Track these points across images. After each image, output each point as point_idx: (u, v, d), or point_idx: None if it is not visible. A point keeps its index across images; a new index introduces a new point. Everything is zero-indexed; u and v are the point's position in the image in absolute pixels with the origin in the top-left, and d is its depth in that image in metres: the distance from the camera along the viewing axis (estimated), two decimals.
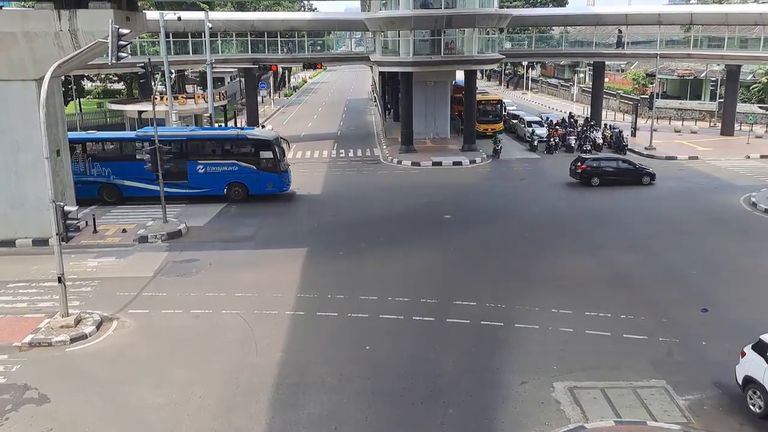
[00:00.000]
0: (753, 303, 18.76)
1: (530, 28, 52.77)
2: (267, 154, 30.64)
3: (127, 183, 30.46)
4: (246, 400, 14.08)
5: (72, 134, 29.99)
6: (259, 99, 59.89)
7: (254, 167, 30.65)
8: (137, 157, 28.63)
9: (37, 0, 22.97)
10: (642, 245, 24.00)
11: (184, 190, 30.54)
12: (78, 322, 17.53)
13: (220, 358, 15.95)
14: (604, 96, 56.29)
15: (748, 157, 40.13)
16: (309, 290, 20.08)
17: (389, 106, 60.91)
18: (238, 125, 51.20)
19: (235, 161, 30.68)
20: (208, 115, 39.39)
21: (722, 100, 51.46)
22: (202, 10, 45.95)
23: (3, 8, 24.53)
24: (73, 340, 16.86)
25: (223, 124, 47.27)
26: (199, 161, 30.49)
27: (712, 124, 53.49)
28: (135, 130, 39.87)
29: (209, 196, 30.52)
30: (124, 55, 18.01)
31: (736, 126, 48.48)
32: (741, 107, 50.54)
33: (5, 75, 23.16)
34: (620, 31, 50.45)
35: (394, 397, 14.13)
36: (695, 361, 15.57)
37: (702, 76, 58.70)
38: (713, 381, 14.52)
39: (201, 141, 31.53)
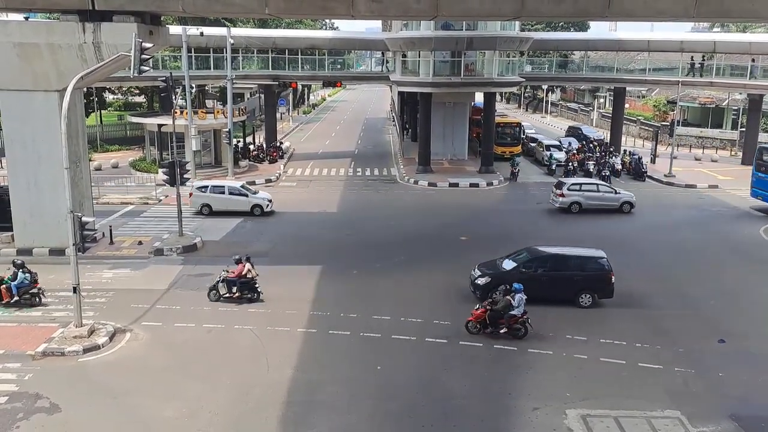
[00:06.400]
0: None
1: (551, 51, 52.80)
2: None
3: None
4: (256, 416, 13.99)
5: None
6: (278, 116, 60.33)
7: None
8: None
9: (62, 12, 23.33)
10: (659, 273, 23.71)
11: None
12: (91, 332, 17.60)
13: (231, 373, 15.90)
14: (624, 122, 56.05)
15: None
16: (322, 308, 20.02)
17: (407, 126, 61.11)
18: (257, 141, 51.66)
19: None
20: (227, 130, 39.66)
21: (744, 129, 51.01)
22: (225, 26, 46.48)
23: (28, 20, 24.95)
24: (86, 350, 16.92)
25: (241, 140, 47.59)
26: None
27: (733, 153, 53.01)
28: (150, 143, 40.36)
29: None
30: (146, 68, 18.21)
31: None
32: (763, 136, 49.99)
33: (29, 86, 23.51)
34: (566, 56, 50.30)
35: (404, 419, 13.97)
36: (711, 392, 15.27)
37: (724, 104, 58.26)
38: (729, 413, 14.21)
39: None
